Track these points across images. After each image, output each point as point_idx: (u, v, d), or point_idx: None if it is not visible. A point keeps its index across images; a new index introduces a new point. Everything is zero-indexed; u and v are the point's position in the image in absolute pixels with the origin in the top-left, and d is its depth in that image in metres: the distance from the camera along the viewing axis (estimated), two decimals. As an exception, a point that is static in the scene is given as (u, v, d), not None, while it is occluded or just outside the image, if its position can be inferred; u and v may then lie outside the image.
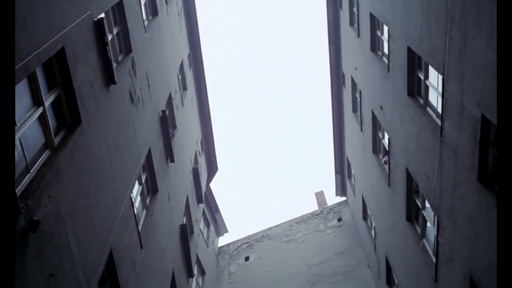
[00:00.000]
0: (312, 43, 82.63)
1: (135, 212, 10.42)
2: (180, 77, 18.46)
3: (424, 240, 11.46)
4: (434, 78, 9.69)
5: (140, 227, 10.88)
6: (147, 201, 12.09)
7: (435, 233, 10.10)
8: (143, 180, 11.88)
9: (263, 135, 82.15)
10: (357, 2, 16.15)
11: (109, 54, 9.27)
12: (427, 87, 10.31)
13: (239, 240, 25.01)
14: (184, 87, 19.41)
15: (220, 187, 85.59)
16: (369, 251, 19.41)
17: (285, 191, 78.55)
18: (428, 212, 10.97)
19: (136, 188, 11.21)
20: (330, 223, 23.75)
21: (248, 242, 24.48)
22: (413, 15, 9.98)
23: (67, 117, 7.63)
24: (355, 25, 17.44)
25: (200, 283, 19.06)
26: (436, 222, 9.86)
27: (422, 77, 10.48)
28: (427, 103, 10.42)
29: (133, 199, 10.44)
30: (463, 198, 8.14)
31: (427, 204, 10.99)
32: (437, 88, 9.51)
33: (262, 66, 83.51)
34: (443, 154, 8.93)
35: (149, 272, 10.96)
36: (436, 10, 8.55)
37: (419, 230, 11.83)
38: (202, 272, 19.85)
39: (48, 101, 6.98)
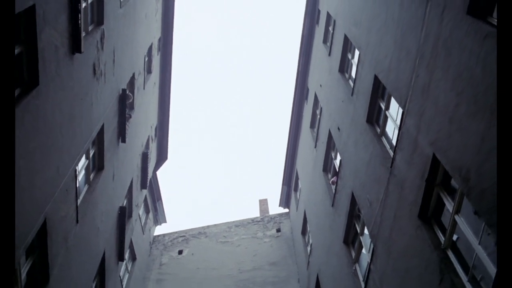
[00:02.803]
0: (285, 51, 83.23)
1: (77, 186, 10.21)
2: (146, 59, 18.23)
3: (357, 265, 11.65)
4: (394, 110, 9.89)
5: (79, 201, 10.66)
6: (91, 176, 11.86)
7: (369, 260, 10.28)
8: (91, 155, 11.66)
9: (219, 133, 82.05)
10: (334, 21, 16.33)
11: (80, 22, 9.08)
12: (386, 118, 10.51)
13: (175, 232, 24.84)
14: (149, 70, 19.17)
15: (166, 177, 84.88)
16: (301, 266, 19.60)
17: (230, 192, 78.59)
18: (366, 239, 11.17)
19: (83, 161, 10.99)
20: (268, 232, 23.87)
21: (184, 236, 24.34)
22: (386, 46, 10.17)
23: (25, 76, 7.42)
24: (328, 44, 17.62)
25: (129, 268, 18.80)
26: (371, 250, 10.04)
27: (383, 107, 10.68)
28: (383, 133, 10.62)
29: (77, 172, 10.23)
30: (401, 231, 8.32)
31: (365, 231, 11.18)
32: (396, 120, 9.71)
33: (231, 64, 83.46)
34: (390, 185, 9.12)
35: (80, 248, 10.75)
36: (408, 45, 8.75)
37: (353, 254, 12.02)
38: (133, 257, 19.59)
39: (8, 56, 6.77)
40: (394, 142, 9.52)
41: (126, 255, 17.81)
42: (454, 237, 6.76)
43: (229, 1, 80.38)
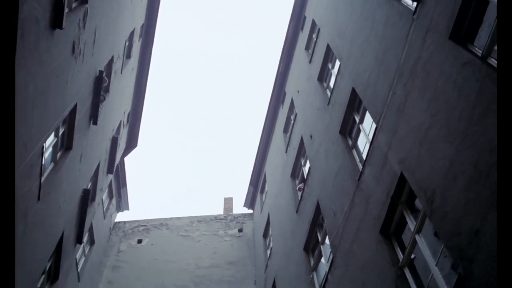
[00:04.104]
0: (267, 53, 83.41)
1: (43, 163, 10.03)
2: (127, 44, 18.03)
3: (315, 274, 11.72)
4: (368, 125, 9.99)
5: (43, 178, 10.47)
6: (58, 155, 11.67)
7: (327, 269, 10.35)
8: (60, 133, 11.47)
9: (192, 127, 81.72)
10: (319, 29, 16.41)
11: (64, -3, 8.94)
12: (359, 131, 10.61)
13: (137, 221, 24.65)
14: (128, 55, 18.96)
15: (133, 164, 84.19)
16: (259, 269, 19.63)
17: (196, 187, 78.36)
18: (326, 248, 11.24)
19: (51, 139, 10.80)
20: (230, 231, 23.86)
21: (145, 225, 24.17)
22: (367, 60, 10.26)
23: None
24: (310, 51, 17.70)
25: (86, 252, 18.57)
26: (331, 260, 10.12)
27: (357, 120, 10.77)
28: (355, 145, 10.72)
29: (44, 149, 10.05)
30: (361, 244, 8.40)
31: (327, 240, 11.26)
32: (368, 135, 9.81)
33: (212, 60, 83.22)
34: (355, 198, 9.20)
35: (38, 226, 10.56)
36: (388, 62, 8.84)
37: (312, 262, 12.09)
38: (91, 241, 19.35)
39: (-14, 24, 6.61)
40: (364, 156, 9.61)
41: (85, 238, 17.59)
42: (412, 256, 6.86)
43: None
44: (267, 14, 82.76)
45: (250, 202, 25.29)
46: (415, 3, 8.01)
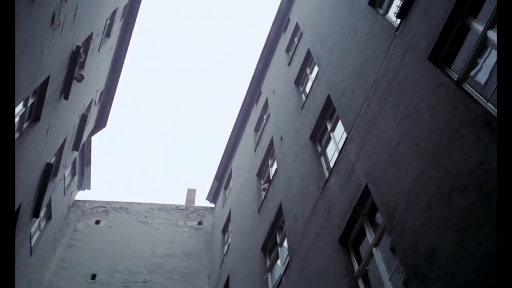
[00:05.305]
0: (249, 51, 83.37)
1: (7, 132, 9.81)
2: (108, 22, 17.77)
3: (269, 275, 11.74)
4: (339, 134, 10.06)
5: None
6: (24, 125, 11.43)
7: (282, 272, 10.39)
8: (29, 104, 11.24)
9: (165, 115, 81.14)
10: (301, 33, 16.44)
11: (49, -34, 8.75)
12: (329, 138, 10.67)
13: (97, 201, 24.39)
14: (108, 34, 18.69)
15: (99, 144, 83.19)
16: (215, 264, 19.59)
17: (162, 175, 77.90)
18: (283, 251, 11.28)
19: (19, 108, 10.57)
20: (190, 223, 23.81)
21: (105, 207, 23.93)
22: (345, 70, 10.32)
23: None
24: (290, 53, 17.73)
25: (41, 226, 18.28)
26: (287, 263, 10.16)
27: (329, 128, 10.84)
28: (324, 152, 10.78)
29: (10, 118, 9.84)
30: (319, 251, 8.46)
31: (285, 243, 11.29)
32: (338, 144, 9.88)
33: (192, 52, 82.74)
34: (318, 204, 9.25)
35: (-6, 196, 10.33)
36: (366, 74, 8.90)
37: (268, 263, 12.12)
38: (48, 216, 19.05)
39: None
40: (331, 164, 9.67)
41: (42, 213, 17.30)
42: (368, 268, 6.94)
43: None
44: (252, 11, 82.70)
45: (213, 196, 25.21)
46: (398, 20, 8.09)
